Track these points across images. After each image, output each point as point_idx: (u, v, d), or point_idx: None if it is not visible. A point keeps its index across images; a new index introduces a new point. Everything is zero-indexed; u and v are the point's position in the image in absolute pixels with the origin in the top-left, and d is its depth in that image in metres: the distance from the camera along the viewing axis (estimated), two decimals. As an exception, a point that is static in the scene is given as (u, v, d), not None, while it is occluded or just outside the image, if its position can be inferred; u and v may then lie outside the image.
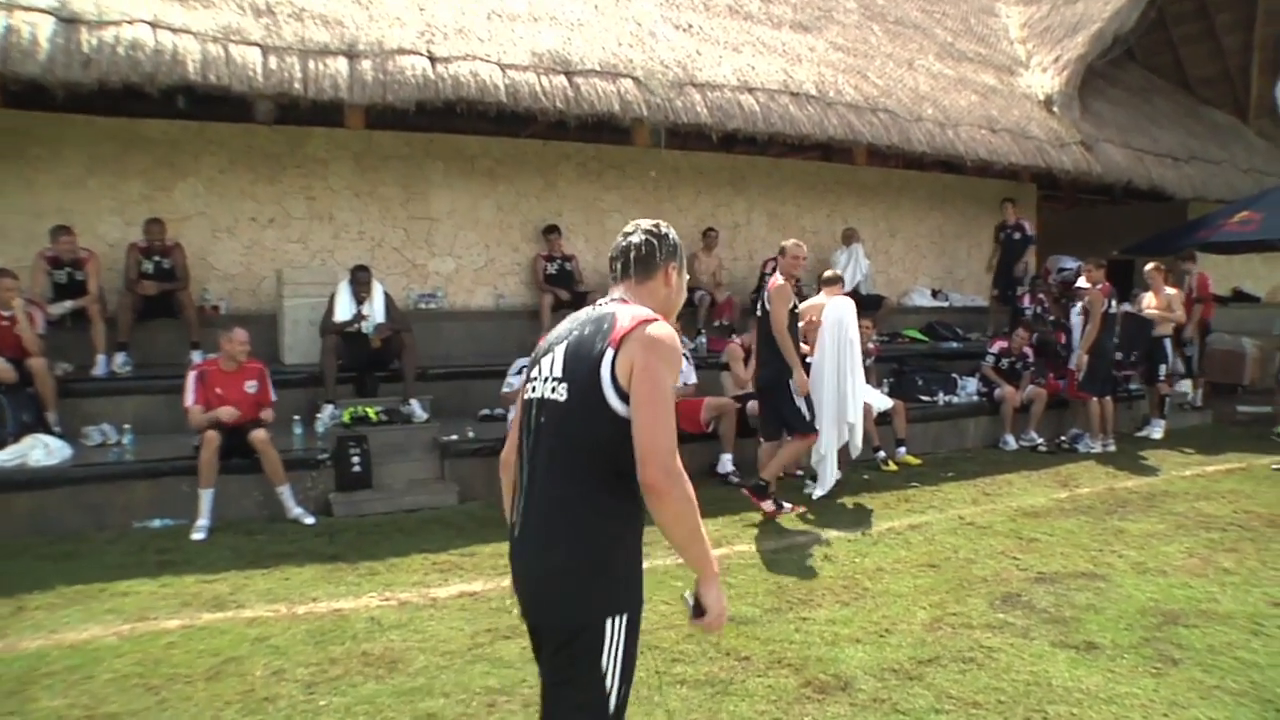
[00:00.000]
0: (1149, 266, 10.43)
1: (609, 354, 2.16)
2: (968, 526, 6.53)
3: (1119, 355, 10.15)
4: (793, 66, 10.39)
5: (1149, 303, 10.35)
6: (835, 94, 10.30)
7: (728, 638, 4.40)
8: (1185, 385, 11.61)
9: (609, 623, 2.19)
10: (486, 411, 8.17)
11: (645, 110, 8.79)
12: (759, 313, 6.98)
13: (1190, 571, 5.47)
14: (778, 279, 6.84)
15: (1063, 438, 9.69)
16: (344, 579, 5.28)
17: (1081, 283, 9.86)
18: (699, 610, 2.28)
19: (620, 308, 2.28)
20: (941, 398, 9.79)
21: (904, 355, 10.41)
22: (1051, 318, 10.91)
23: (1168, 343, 10.37)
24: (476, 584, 5.20)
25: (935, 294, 12.62)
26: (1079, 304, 9.85)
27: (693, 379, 8.16)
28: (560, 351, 2.28)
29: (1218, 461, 8.86)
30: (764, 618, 4.70)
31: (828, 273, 7.87)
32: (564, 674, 2.25)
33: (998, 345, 10.07)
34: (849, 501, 7.17)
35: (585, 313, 2.38)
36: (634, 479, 2.13)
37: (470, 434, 7.46)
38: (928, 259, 12.77)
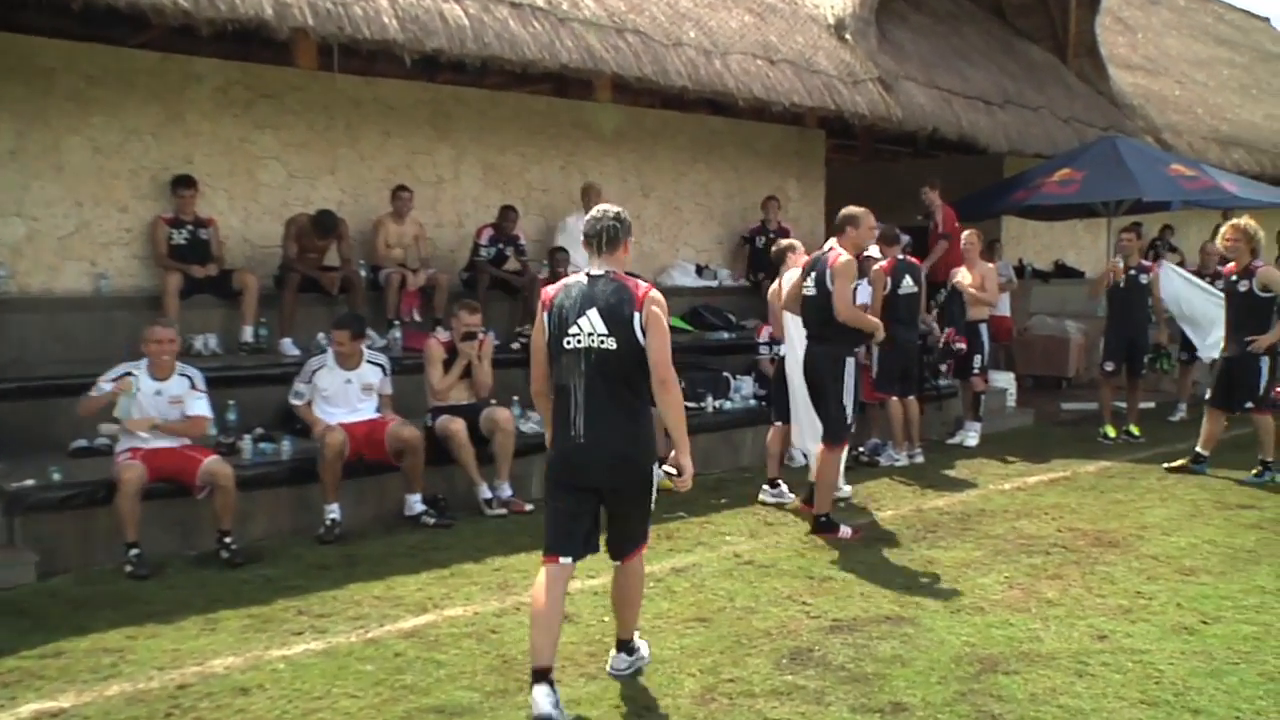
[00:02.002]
0: (964, 235, 11.27)
1: (637, 314, 4.51)
2: (746, 566, 6.81)
3: (957, 346, 10.93)
4: (514, -33, 10.48)
5: (962, 279, 11.13)
6: (570, 7, 10.47)
7: (433, 736, 4.35)
8: (1004, 379, 12.71)
9: (652, 470, 4.80)
10: (83, 443, 7.65)
11: (309, 18, 8.54)
12: (808, 292, 7.53)
13: (1010, 606, 5.98)
14: (842, 254, 7.30)
15: (861, 449, 10.27)
16: None
17: (873, 252, 10.51)
18: (677, 473, 4.70)
19: (624, 280, 4.62)
20: (711, 403, 10.12)
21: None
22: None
23: (983, 328, 11.20)
24: (65, 698, 4.78)
25: (701, 270, 13.03)
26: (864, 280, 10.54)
27: (389, 389, 8.01)
28: (596, 315, 4.53)
29: (1040, 470, 9.79)
30: (486, 704, 4.67)
31: (785, 241, 8.51)
32: (632, 505, 4.77)
33: (766, 331, 10.19)
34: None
35: (588, 282, 4.63)
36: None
37: (56, 476, 6.91)
38: (691, 225, 13.25)
